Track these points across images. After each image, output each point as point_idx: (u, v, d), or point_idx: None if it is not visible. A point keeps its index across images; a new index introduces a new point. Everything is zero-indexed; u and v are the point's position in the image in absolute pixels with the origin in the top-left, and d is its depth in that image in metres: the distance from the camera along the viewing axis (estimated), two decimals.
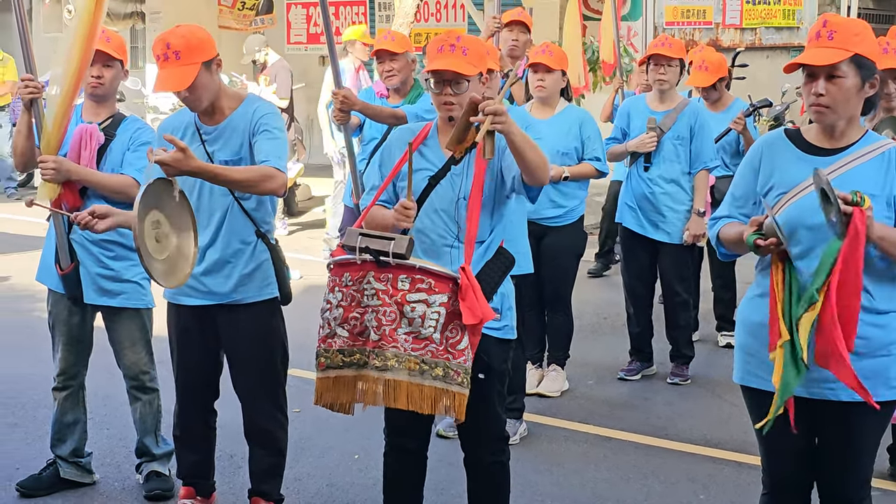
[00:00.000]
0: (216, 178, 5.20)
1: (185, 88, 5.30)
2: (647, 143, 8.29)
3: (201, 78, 5.33)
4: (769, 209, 4.29)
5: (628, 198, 8.53)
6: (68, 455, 6.28)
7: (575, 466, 6.83)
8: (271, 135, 5.38)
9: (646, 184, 8.40)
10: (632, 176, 8.53)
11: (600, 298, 11.37)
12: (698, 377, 8.56)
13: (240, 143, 5.42)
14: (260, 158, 5.32)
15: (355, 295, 4.62)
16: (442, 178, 4.97)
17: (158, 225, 5.10)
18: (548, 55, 7.75)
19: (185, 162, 5.01)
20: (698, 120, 8.36)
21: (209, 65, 5.37)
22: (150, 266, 5.08)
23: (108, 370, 7.06)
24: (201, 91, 5.35)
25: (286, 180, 5.34)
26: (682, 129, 8.34)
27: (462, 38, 4.98)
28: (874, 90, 4.40)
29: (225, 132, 5.45)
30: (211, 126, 5.47)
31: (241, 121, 5.44)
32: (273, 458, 5.75)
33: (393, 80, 7.97)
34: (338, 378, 4.72)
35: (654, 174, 8.38)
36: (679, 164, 8.35)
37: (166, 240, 5.16)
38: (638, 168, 8.45)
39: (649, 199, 8.39)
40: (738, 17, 18.59)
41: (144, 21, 21.23)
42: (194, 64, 5.30)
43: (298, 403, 7.45)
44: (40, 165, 5.82)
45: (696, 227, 8.31)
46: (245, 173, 5.25)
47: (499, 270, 4.94)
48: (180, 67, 5.28)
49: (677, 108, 8.40)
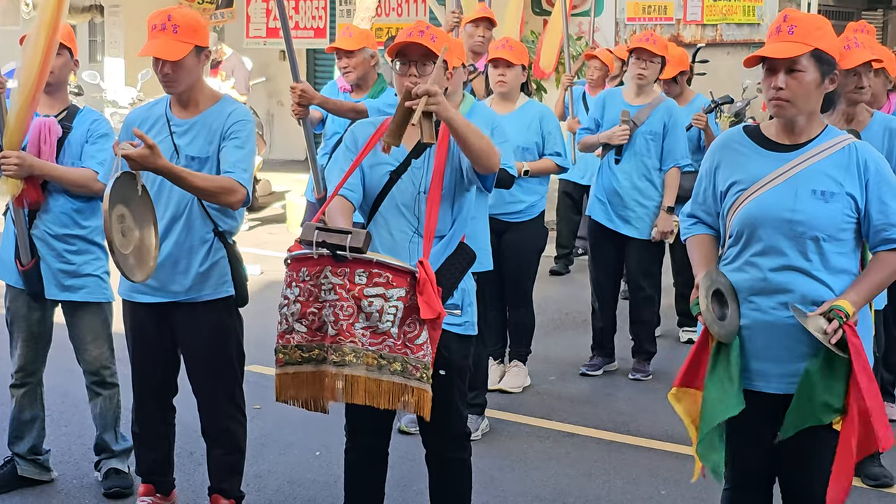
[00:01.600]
0: (179, 181, 5.16)
1: (172, 63, 5.27)
2: (618, 136, 8.27)
3: (189, 59, 5.32)
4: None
5: (598, 191, 8.52)
6: (26, 452, 6.22)
7: (537, 463, 6.82)
8: (240, 143, 5.36)
9: (616, 178, 8.38)
10: (602, 169, 8.52)
11: (562, 294, 11.37)
12: (660, 373, 8.56)
13: (209, 142, 5.38)
14: (225, 168, 5.30)
15: (313, 290, 4.58)
16: (403, 172, 4.94)
17: (123, 219, 5.06)
18: (508, 50, 7.73)
19: (151, 159, 4.97)
20: (672, 117, 8.36)
21: (200, 52, 5.38)
22: (121, 260, 5.04)
23: (67, 367, 7.02)
24: (184, 73, 5.33)
25: (246, 196, 5.32)
26: (656, 124, 8.33)
27: (431, 28, 5.00)
28: (834, 85, 4.41)
29: (195, 127, 5.41)
30: (182, 119, 5.43)
31: (215, 120, 5.40)
32: (231, 456, 5.71)
33: (350, 76, 7.95)
34: (297, 374, 4.67)
35: (624, 168, 8.37)
36: (650, 159, 8.34)
37: (131, 234, 5.12)
38: (609, 160, 8.43)
39: (619, 194, 8.37)
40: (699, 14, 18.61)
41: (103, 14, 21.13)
42: (189, 43, 5.30)
43: (259, 400, 7.42)
44: (2, 161, 5.76)
45: (664, 224, 8.32)
46: (208, 182, 5.22)
47: (460, 266, 4.91)
48: (175, 41, 5.27)
49: (652, 104, 8.40)
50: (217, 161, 5.35)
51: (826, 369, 4.27)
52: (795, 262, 4.32)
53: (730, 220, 4.45)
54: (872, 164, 4.37)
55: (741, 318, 4.38)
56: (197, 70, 5.39)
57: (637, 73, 8.39)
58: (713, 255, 4.60)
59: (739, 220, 4.40)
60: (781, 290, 4.32)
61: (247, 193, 5.31)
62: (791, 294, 4.31)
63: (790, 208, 4.31)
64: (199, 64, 5.40)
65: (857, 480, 6.36)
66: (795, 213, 4.30)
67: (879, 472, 6.43)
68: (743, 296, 4.38)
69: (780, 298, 4.33)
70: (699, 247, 4.64)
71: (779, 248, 4.33)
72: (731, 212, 4.45)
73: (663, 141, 8.32)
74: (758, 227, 4.35)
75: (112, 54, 21.61)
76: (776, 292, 4.33)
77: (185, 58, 5.30)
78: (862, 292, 4.35)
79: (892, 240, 4.36)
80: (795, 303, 4.30)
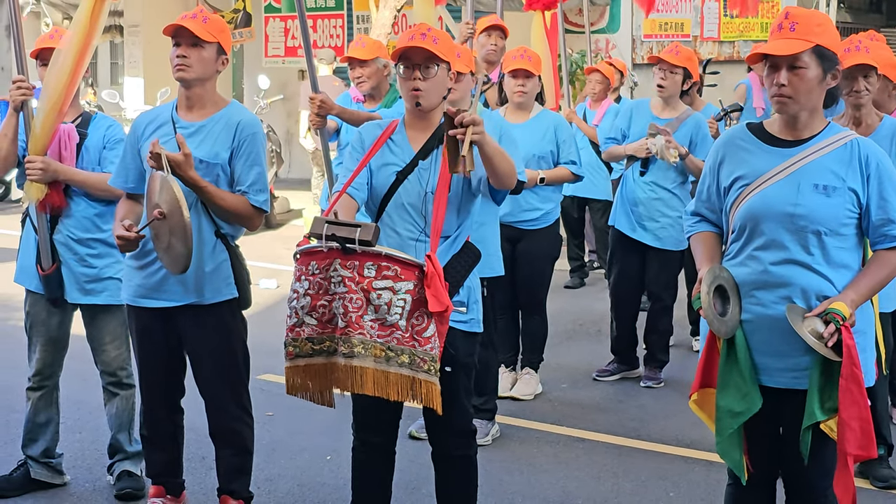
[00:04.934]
0: (201, 193, 5.27)
1: (192, 46, 5.33)
2: (645, 148, 8.30)
3: (209, 53, 5.38)
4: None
5: (622, 201, 8.54)
6: (39, 455, 6.26)
7: (546, 466, 6.83)
8: (253, 161, 5.43)
9: (640, 188, 8.40)
10: (626, 180, 8.53)
11: (575, 306, 11.39)
12: (672, 380, 8.57)
13: (217, 149, 5.41)
14: (241, 188, 5.39)
15: (322, 283, 4.62)
16: (409, 173, 4.99)
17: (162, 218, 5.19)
18: (527, 60, 7.78)
19: (183, 167, 5.12)
20: (700, 131, 8.36)
21: (220, 53, 5.44)
22: (182, 257, 5.18)
23: (82, 376, 7.08)
24: (200, 62, 5.37)
25: (262, 222, 5.49)
26: (683, 138, 8.32)
27: (433, 30, 5.03)
28: (836, 81, 4.43)
29: (203, 130, 5.45)
30: (189, 122, 5.47)
31: (224, 126, 5.44)
32: (239, 457, 5.74)
33: (363, 86, 8.02)
34: (308, 366, 4.71)
35: (648, 179, 8.39)
36: (675, 172, 8.34)
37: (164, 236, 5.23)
38: (633, 172, 8.44)
39: (643, 203, 8.40)
40: (715, 31, 18.65)
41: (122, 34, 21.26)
42: (214, 37, 5.38)
43: (271, 407, 7.47)
44: (28, 166, 5.88)
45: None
46: (228, 203, 5.34)
47: (465, 264, 4.96)
48: (203, 28, 5.34)
49: (680, 118, 8.40)
50: (223, 169, 5.40)
51: (824, 367, 4.30)
52: (797, 256, 4.34)
53: (733, 215, 4.48)
54: (874, 160, 4.39)
55: (743, 312, 4.40)
56: (212, 67, 5.43)
57: (657, 83, 8.40)
58: (717, 252, 4.63)
59: (742, 214, 4.43)
60: (782, 284, 4.34)
61: (261, 221, 5.46)
62: (792, 287, 4.33)
63: (793, 202, 4.34)
64: (216, 63, 5.44)
65: (866, 482, 6.38)
66: (798, 207, 4.33)
67: (888, 474, 6.43)
68: (745, 290, 4.40)
69: (782, 292, 4.35)
70: (703, 244, 4.67)
71: (781, 241, 4.35)
72: (734, 207, 4.48)
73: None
74: (760, 221, 4.38)
75: (131, 74, 21.75)
76: (777, 286, 4.35)
77: (207, 46, 5.35)
78: (861, 291, 4.36)
79: (892, 236, 4.38)
80: (795, 297, 4.32)
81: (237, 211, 5.37)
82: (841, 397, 4.25)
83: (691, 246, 4.75)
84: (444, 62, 4.96)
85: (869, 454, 4.35)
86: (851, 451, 4.29)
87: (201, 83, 5.44)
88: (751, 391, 4.41)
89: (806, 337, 4.23)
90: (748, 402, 4.41)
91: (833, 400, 4.29)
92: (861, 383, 4.28)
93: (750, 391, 4.41)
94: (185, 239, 5.11)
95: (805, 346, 4.26)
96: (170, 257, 5.26)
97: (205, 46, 5.35)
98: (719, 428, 4.49)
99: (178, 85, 5.48)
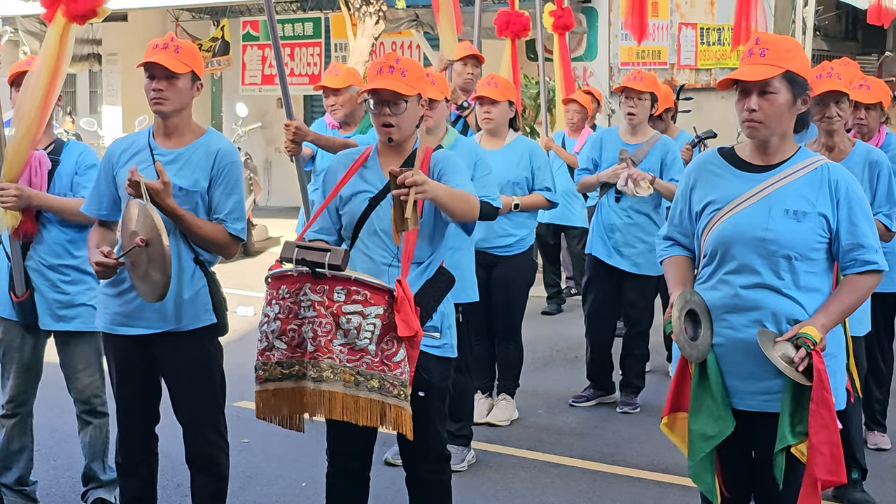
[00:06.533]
0: (179, 221, 5.26)
1: (167, 79, 5.30)
2: (618, 174, 8.32)
3: (184, 82, 5.35)
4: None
5: (598, 228, 8.56)
6: (13, 483, 6.24)
7: (522, 492, 6.83)
8: (230, 189, 5.42)
9: (616, 214, 8.43)
10: (602, 207, 8.56)
11: (553, 332, 11.39)
12: (648, 406, 8.57)
13: (197, 177, 5.38)
14: (218, 216, 5.39)
15: (292, 307, 4.64)
16: (382, 199, 5.00)
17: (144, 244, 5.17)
18: (493, 87, 7.80)
19: (162, 195, 5.12)
20: (670, 154, 8.41)
21: (195, 80, 5.41)
22: (160, 285, 5.16)
23: (56, 404, 7.05)
24: (177, 93, 5.35)
25: (238, 249, 5.50)
26: (654, 162, 8.37)
27: (401, 60, 5.03)
28: (806, 106, 4.47)
29: (181, 158, 5.41)
30: (166, 149, 5.44)
31: (203, 154, 5.42)
32: (215, 484, 5.70)
33: (337, 114, 8.09)
34: (277, 390, 4.73)
35: (624, 205, 8.42)
36: (650, 197, 8.38)
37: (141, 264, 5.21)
38: (609, 199, 8.47)
39: (619, 230, 8.43)
40: (692, 58, 18.77)
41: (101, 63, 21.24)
42: (188, 66, 5.35)
43: (247, 434, 7.45)
44: (1, 193, 5.86)
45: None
46: (206, 231, 5.32)
47: (438, 289, 4.96)
48: (176, 59, 5.31)
49: (649, 142, 8.44)
50: (201, 197, 5.39)
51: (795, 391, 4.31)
52: (768, 280, 4.37)
53: (704, 239, 4.51)
54: (843, 185, 4.42)
55: (715, 336, 4.42)
56: (188, 96, 5.41)
57: (627, 111, 8.44)
58: (689, 276, 4.65)
59: (713, 239, 4.45)
60: (753, 308, 4.37)
61: (238, 249, 5.46)
62: (762, 311, 4.35)
63: (763, 227, 4.36)
64: (191, 91, 5.42)
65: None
66: (768, 232, 4.35)
67: (861, 498, 6.45)
68: (716, 314, 4.43)
69: (752, 316, 4.37)
70: (675, 268, 4.69)
71: (752, 266, 4.37)
72: (705, 231, 4.50)
73: (661, 178, 8.35)
74: (731, 245, 4.41)
75: (110, 102, 21.74)
76: (748, 309, 4.37)
77: (182, 77, 5.33)
78: (831, 315, 4.38)
79: (862, 261, 4.41)
80: (766, 320, 4.34)
81: (214, 239, 5.36)
82: (811, 422, 4.27)
83: (664, 269, 4.77)
84: (413, 95, 4.98)
85: (839, 479, 4.36)
86: (821, 476, 4.30)
87: (178, 113, 5.43)
88: (723, 414, 4.42)
89: (777, 362, 4.24)
90: (720, 426, 4.42)
91: (804, 424, 4.30)
92: (831, 408, 4.29)
93: (722, 414, 4.42)
94: (164, 267, 5.09)
95: (777, 369, 4.28)
96: (146, 285, 5.23)
97: (179, 77, 5.33)
98: (692, 452, 4.50)
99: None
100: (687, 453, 4.55)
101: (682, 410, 4.58)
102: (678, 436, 4.65)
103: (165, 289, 5.16)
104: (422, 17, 16.78)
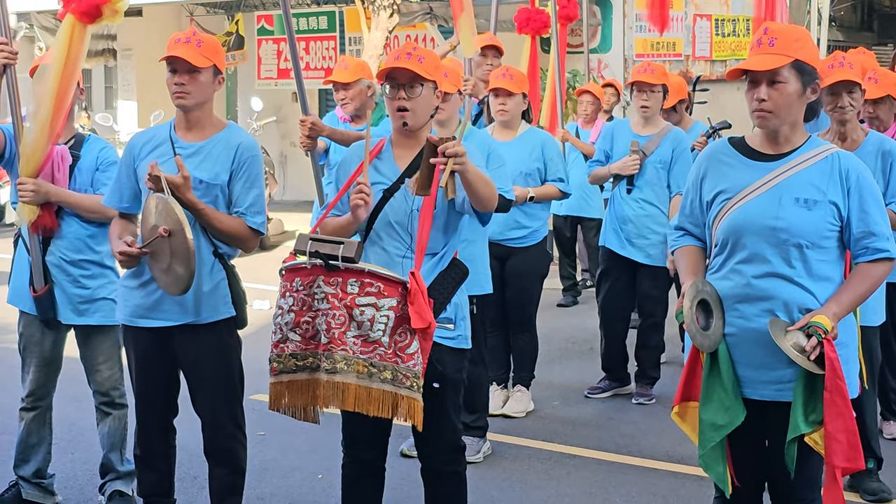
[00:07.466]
0: (199, 215, 5.27)
1: (189, 73, 5.31)
2: (630, 166, 8.35)
3: (206, 77, 5.37)
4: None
5: (611, 220, 8.60)
6: (31, 476, 6.27)
7: (537, 483, 6.85)
8: (251, 183, 5.44)
9: (628, 205, 8.47)
10: (615, 198, 8.59)
11: (568, 324, 11.41)
12: (663, 397, 8.57)
13: (217, 170, 5.40)
14: (238, 209, 5.40)
15: (306, 299, 4.67)
16: (396, 190, 5.02)
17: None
18: (508, 79, 7.81)
19: (182, 189, 5.14)
20: (680, 144, 8.44)
21: (216, 74, 5.43)
22: (185, 278, 5.18)
23: (75, 397, 7.09)
24: (198, 87, 5.36)
25: (258, 243, 5.51)
26: (665, 153, 8.40)
27: (419, 49, 5.06)
28: (815, 95, 4.47)
29: (202, 151, 5.43)
30: (188, 142, 5.46)
31: (223, 148, 5.43)
32: (233, 476, 5.73)
33: (347, 107, 8.13)
34: (291, 382, 4.76)
35: (636, 196, 8.45)
36: (661, 187, 8.40)
37: (164, 255, 5.24)
38: (620, 190, 8.51)
39: (632, 221, 8.45)
40: (707, 50, 18.72)
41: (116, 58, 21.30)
42: (210, 60, 5.36)
43: (263, 427, 7.48)
44: (20, 187, 5.90)
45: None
46: (225, 225, 5.33)
47: (452, 281, 4.98)
48: (198, 52, 5.33)
49: (661, 133, 8.47)
50: (221, 190, 5.42)
51: (808, 380, 4.33)
52: (779, 269, 4.37)
53: (715, 228, 4.52)
54: (854, 173, 4.43)
55: (726, 325, 4.43)
56: (210, 90, 5.43)
57: (640, 105, 8.46)
58: (700, 266, 4.66)
59: (725, 228, 4.46)
60: (765, 297, 4.37)
61: (257, 243, 5.47)
62: (774, 300, 4.36)
63: (774, 216, 4.37)
64: (213, 84, 5.43)
65: (856, 495, 6.41)
66: (779, 221, 4.36)
67: (877, 487, 6.45)
68: (728, 303, 4.43)
69: (764, 306, 4.38)
70: (686, 257, 4.70)
71: (763, 255, 4.38)
72: (716, 221, 4.51)
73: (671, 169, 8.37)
74: (742, 234, 4.41)
75: (125, 97, 21.80)
76: (760, 299, 4.38)
77: (204, 71, 5.34)
78: (843, 304, 4.39)
79: (873, 249, 4.41)
80: (777, 310, 4.35)
81: (234, 233, 5.39)
82: (826, 410, 4.27)
83: (675, 260, 4.79)
84: (429, 81, 5.00)
85: (857, 466, 4.37)
86: (839, 463, 4.31)
87: (200, 106, 5.45)
88: (734, 404, 4.43)
89: (788, 351, 4.25)
90: (731, 416, 4.43)
91: (817, 413, 4.31)
92: (846, 395, 4.30)
93: (733, 404, 4.43)
94: (188, 261, 5.12)
95: (788, 358, 4.29)
96: (169, 278, 5.25)
97: (201, 71, 5.34)
98: (702, 441, 4.51)
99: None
100: (697, 442, 4.57)
101: (693, 400, 4.59)
102: (689, 425, 4.66)
103: (190, 282, 5.19)
104: (436, 10, 16.80)
